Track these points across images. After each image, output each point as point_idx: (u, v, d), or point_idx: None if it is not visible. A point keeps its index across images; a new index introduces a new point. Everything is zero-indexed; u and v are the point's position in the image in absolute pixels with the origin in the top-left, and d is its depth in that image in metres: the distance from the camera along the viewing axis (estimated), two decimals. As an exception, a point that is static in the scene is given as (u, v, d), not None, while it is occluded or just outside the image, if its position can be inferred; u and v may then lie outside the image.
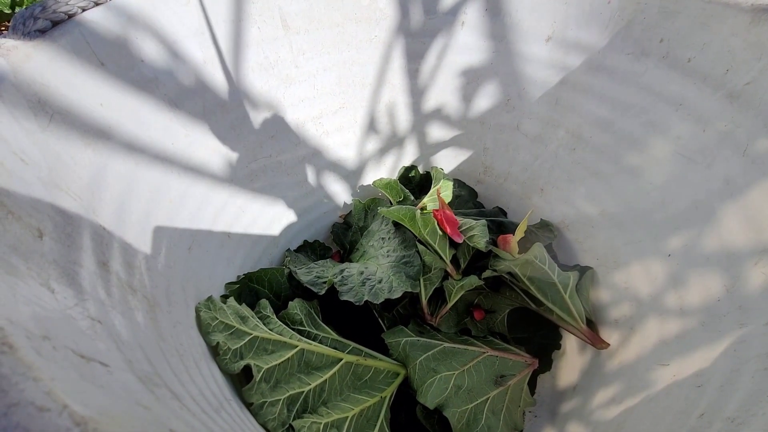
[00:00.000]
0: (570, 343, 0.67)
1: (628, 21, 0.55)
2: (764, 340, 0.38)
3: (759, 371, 0.36)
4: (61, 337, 0.24)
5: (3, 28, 1.27)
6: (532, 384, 0.65)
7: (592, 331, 0.61)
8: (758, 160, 0.44)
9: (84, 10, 0.44)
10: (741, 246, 0.45)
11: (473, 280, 0.62)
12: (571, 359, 0.66)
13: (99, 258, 0.38)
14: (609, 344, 0.59)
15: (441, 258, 0.64)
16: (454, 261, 0.67)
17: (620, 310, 0.60)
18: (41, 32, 0.41)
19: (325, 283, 0.61)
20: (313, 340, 0.56)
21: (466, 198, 0.81)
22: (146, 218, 0.48)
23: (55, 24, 0.42)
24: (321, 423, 0.50)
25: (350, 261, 0.73)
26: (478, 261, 0.68)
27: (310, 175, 0.76)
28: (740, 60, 0.46)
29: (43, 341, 0.22)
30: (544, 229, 0.71)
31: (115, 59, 0.46)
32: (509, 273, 0.64)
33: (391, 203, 0.76)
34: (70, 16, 0.43)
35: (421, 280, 0.62)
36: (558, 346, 0.67)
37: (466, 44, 0.69)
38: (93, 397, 0.20)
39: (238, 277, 0.64)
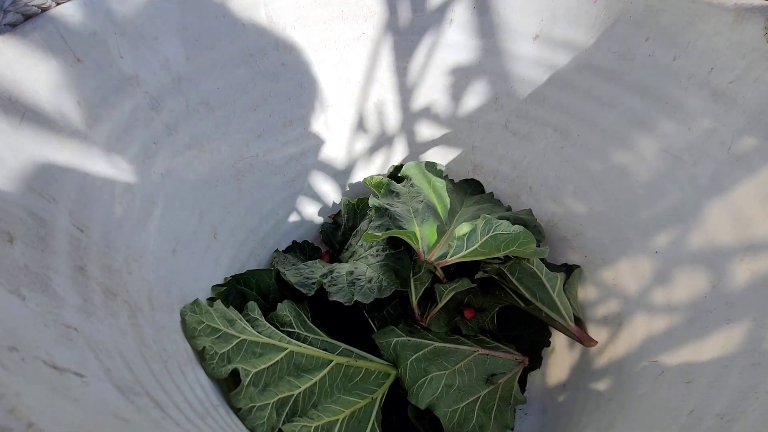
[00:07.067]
0: (559, 340, 0.68)
1: (615, 20, 0.56)
2: (751, 336, 0.38)
3: (747, 367, 0.36)
4: (32, 348, 0.23)
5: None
6: (523, 382, 0.65)
7: (580, 329, 0.61)
8: (742, 158, 0.45)
9: (58, 4, 0.42)
10: (726, 243, 0.45)
11: (465, 283, 0.62)
12: (561, 356, 0.66)
13: (76, 262, 0.36)
14: (597, 342, 0.60)
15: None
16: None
17: (608, 307, 0.60)
18: (12, 26, 0.39)
19: (314, 284, 0.60)
20: (303, 342, 0.55)
21: (456, 197, 0.81)
22: (127, 220, 0.47)
23: (28, 18, 0.40)
24: (311, 426, 0.49)
25: (340, 261, 0.72)
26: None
27: (298, 175, 0.75)
28: (724, 59, 0.46)
29: (10, 352, 0.20)
30: (532, 229, 0.71)
31: (92, 55, 0.44)
32: (498, 273, 0.64)
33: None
34: (44, 10, 0.41)
35: (412, 281, 0.62)
36: (548, 344, 0.67)
37: (454, 42, 0.68)
38: (64, 413, 0.19)
39: (225, 279, 0.63)
